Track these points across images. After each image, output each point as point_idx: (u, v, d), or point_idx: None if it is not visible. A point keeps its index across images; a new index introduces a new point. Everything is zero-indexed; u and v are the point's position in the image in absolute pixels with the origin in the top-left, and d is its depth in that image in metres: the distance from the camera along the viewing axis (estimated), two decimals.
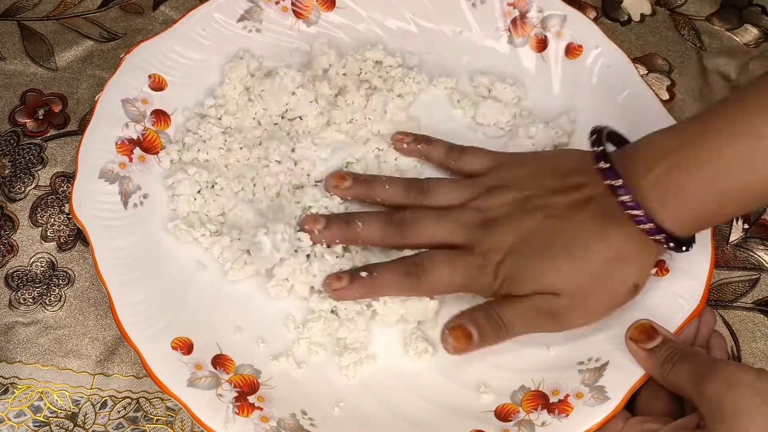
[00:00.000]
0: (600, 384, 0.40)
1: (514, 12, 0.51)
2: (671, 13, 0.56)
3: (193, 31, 0.49)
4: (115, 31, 0.54)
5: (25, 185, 0.48)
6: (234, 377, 0.40)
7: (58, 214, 0.47)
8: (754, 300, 0.46)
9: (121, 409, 0.42)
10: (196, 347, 0.41)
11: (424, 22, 0.52)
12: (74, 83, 0.52)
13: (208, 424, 0.38)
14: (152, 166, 0.46)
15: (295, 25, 0.51)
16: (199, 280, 0.44)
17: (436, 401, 0.41)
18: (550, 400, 0.40)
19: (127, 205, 0.44)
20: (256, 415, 0.39)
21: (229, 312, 0.43)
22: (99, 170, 0.45)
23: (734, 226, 0.48)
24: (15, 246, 0.46)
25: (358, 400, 0.41)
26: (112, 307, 0.41)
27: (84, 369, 0.43)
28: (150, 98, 0.47)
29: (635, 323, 0.40)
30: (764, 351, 0.44)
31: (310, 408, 0.40)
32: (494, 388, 0.41)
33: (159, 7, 0.55)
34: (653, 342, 0.39)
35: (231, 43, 0.50)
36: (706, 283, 0.42)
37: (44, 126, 0.50)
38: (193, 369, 0.40)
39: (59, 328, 0.44)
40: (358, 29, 0.52)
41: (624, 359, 0.40)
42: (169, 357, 0.40)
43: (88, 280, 0.45)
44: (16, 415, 0.42)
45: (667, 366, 0.38)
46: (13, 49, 0.53)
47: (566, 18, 0.50)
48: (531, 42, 0.51)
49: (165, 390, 0.39)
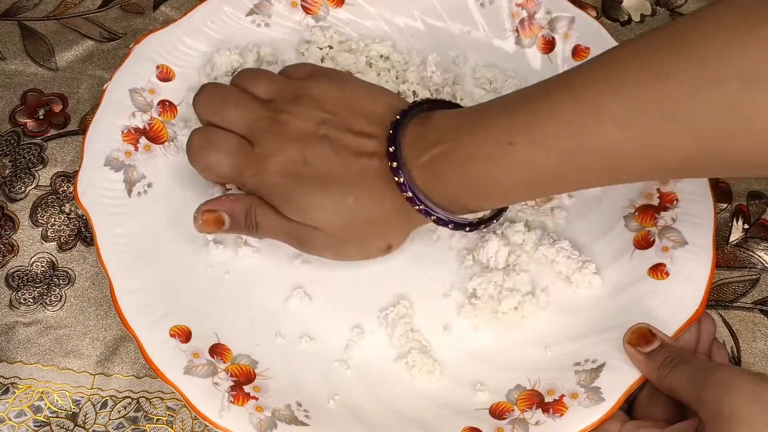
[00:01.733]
0: (595, 385, 0.40)
1: (522, 13, 0.51)
2: (671, 13, 0.56)
3: (202, 23, 0.50)
4: (116, 31, 0.54)
5: (26, 185, 0.48)
6: (231, 366, 0.41)
7: (58, 214, 0.48)
8: (754, 300, 0.46)
9: (121, 409, 0.42)
10: (194, 335, 0.41)
11: (431, 20, 0.52)
12: (74, 83, 0.52)
13: (204, 412, 0.39)
14: (157, 156, 0.47)
15: (304, 21, 0.52)
16: (199, 270, 0.44)
17: (431, 398, 0.41)
18: (545, 400, 0.40)
19: (131, 194, 0.45)
20: (252, 404, 0.39)
21: (228, 302, 0.43)
22: (105, 158, 0.45)
23: (734, 226, 0.48)
24: (15, 246, 0.47)
25: (353, 394, 0.41)
26: (112, 293, 0.41)
27: (84, 369, 0.43)
28: (157, 88, 0.48)
29: (633, 327, 0.40)
30: (764, 351, 0.44)
31: (305, 400, 0.40)
32: (489, 386, 0.41)
33: (159, 7, 0.55)
34: (651, 346, 0.39)
35: (239, 37, 0.50)
36: (706, 288, 0.42)
37: (44, 126, 0.50)
38: (191, 357, 0.40)
39: (60, 328, 0.44)
40: (366, 26, 0.52)
41: (621, 362, 0.40)
42: (167, 344, 0.40)
43: (89, 280, 0.46)
44: (16, 415, 0.42)
45: (665, 370, 0.38)
46: (14, 49, 0.53)
47: (574, 20, 0.50)
48: (538, 43, 0.51)
49: (162, 377, 0.39)
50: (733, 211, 0.48)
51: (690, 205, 0.45)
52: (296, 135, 0.41)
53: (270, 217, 0.41)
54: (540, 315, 0.43)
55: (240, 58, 0.49)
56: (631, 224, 0.45)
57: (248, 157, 0.41)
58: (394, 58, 0.50)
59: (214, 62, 0.49)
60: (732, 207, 0.48)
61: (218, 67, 0.49)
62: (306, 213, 0.40)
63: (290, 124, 0.41)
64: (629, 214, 0.46)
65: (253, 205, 0.41)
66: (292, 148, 0.41)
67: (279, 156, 0.41)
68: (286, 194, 0.40)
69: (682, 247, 0.43)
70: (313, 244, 0.42)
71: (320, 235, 0.41)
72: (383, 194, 0.40)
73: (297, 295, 0.44)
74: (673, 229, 0.44)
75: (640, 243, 0.44)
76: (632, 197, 0.46)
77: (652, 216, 0.45)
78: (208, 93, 0.43)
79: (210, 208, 0.42)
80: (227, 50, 0.49)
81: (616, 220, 0.46)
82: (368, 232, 0.41)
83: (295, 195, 0.40)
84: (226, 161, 0.41)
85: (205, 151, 0.42)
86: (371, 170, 0.40)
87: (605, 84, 0.35)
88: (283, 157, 0.41)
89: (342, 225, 0.40)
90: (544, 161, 0.36)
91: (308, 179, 0.40)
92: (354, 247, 0.42)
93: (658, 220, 0.45)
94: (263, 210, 0.41)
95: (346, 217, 0.40)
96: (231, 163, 0.41)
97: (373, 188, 0.40)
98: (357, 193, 0.40)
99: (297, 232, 0.41)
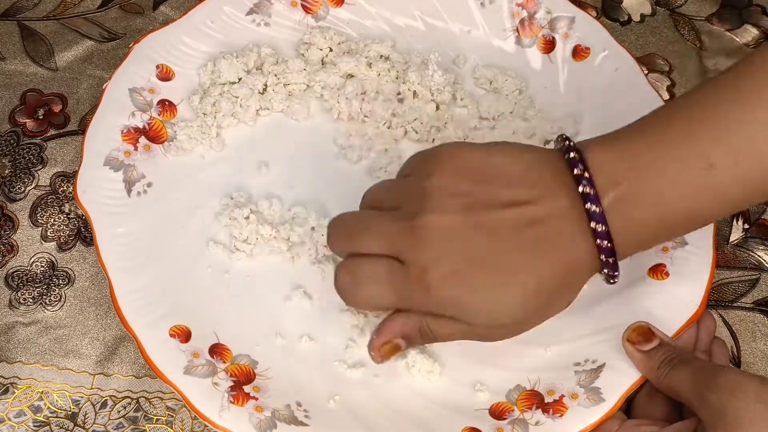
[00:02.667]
0: (595, 385, 0.40)
1: (522, 12, 0.51)
2: (671, 13, 0.56)
3: (201, 22, 0.50)
4: (115, 31, 0.54)
5: (25, 185, 0.48)
6: (230, 366, 0.41)
7: (58, 214, 0.47)
8: (754, 300, 0.46)
9: (121, 409, 0.42)
10: (194, 335, 0.41)
11: (432, 20, 0.52)
12: (74, 83, 0.52)
13: (203, 412, 0.38)
14: (157, 156, 0.46)
15: (304, 20, 0.52)
16: (199, 270, 0.44)
17: (431, 398, 0.41)
18: (545, 400, 0.40)
19: (130, 193, 0.45)
20: (251, 404, 0.39)
21: (228, 302, 0.43)
22: (104, 158, 0.45)
23: (734, 225, 0.48)
24: (15, 246, 0.47)
25: (353, 394, 0.41)
26: (111, 293, 0.41)
27: (84, 369, 0.43)
28: (157, 88, 0.48)
29: (633, 325, 0.40)
30: (764, 351, 0.44)
31: (305, 400, 0.40)
32: (490, 387, 0.41)
33: (159, 7, 0.55)
34: (650, 344, 0.39)
35: (239, 37, 0.50)
36: (706, 289, 0.42)
37: (44, 126, 0.50)
38: (190, 357, 0.40)
39: (59, 328, 0.44)
40: (366, 25, 0.52)
41: (621, 362, 0.40)
42: (166, 344, 0.40)
43: (88, 279, 0.46)
44: (16, 415, 0.42)
45: (664, 369, 0.38)
46: (13, 49, 0.53)
47: (574, 20, 0.50)
48: (538, 43, 0.51)
49: (161, 377, 0.39)
50: None
51: None
52: (445, 235, 0.35)
53: (447, 327, 0.37)
54: None
55: (245, 66, 0.49)
56: None
57: (406, 278, 0.36)
58: (394, 58, 0.50)
59: (219, 69, 0.48)
60: None
61: (223, 75, 0.48)
62: (490, 317, 0.36)
63: (432, 224, 0.35)
64: None
65: (424, 321, 0.37)
66: (446, 252, 0.35)
67: (439, 266, 0.35)
68: (462, 307, 0.36)
69: (682, 247, 0.43)
70: (502, 336, 0.38)
71: (508, 328, 0.37)
72: (561, 257, 0.35)
73: (297, 295, 0.44)
74: None
75: None
76: None
77: None
78: (339, 225, 0.38)
79: (384, 340, 0.38)
80: (232, 56, 0.49)
81: None
82: (554, 300, 0.37)
83: (473, 305, 0.35)
84: (385, 291, 0.36)
85: (360, 287, 0.37)
86: (541, 238, 0.35)
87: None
88: (444, 266, 0.35)
89: (530, 309, 0.36)
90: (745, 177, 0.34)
91: (480, 282, 0.35)
92: (536, 323, 0.38)
93: None
94: (437, 322, 0.37)
95: (532, 301, 0.36)
96: (391, 291, 0.36)
97: (549, 257, 0.35)
98: (535, 272, 0.35)
99: (482, 332, 0.37)
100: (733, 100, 0.35)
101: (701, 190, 0.35)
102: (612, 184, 0.35)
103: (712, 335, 0.42)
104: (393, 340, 0.38)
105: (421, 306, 0.36)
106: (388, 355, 0.38)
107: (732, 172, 0.34)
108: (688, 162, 0.34)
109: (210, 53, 0.49)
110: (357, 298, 0.37)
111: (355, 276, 0.37)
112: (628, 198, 0.35)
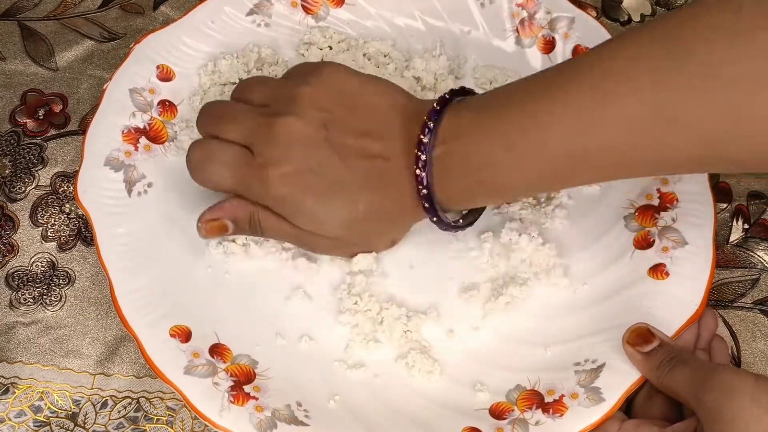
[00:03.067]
0: (595, 385, 0.40)
1: (522, 13, 0.51)
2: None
3: (202, 23, 0.50)
4: (116, 31, 0.54)
5: (26, 185, 0.48)
6: (231, 366, 0.41)
7: (58, 214, 0.48)
8: (754, 300, 0.46)
9: (121, 409, 0.42)
10: (194, 335, 0.41)
11: (432, 20, 0.52)
12: (74, 83, 0.52)
13: (204, 411, 0.39)
14: (158, 156, 0.47)
15: (304, 21, 0.52)
16: (199, 270, 0.44)
17: (431, 397, 0.41)
18: (545, 400, 0.40)
19: (131, 193, 0.45)
20: (252, 404, 0.39)
21: (228, 302, 0.43)
22: (105, 158, 0.45)
23: (734, 226, 0.48)
24: (15, 246, 0.47)
25: (354, 394, 0.41)
26: (112, 293, 0.41)
27: (84, 369, 0.43)
28: (157, 88, 0.48)
29: (632, 326, 0.40)
30: (764, 351, 0.44)
31: (305, 400, 0.40)
32: (490, 387, 0.41)
33: (159, 7, 0.55)
34: (649, 345, 0.39)
35: (239, 37, 0.50)
36: (706, 288, 0.42)
37: (44, 126, 0.50)
38: (191, 357, 0.40)
39: (60, 328, 0.44)
40: (366, 26, 0.52)
41: (621, 362, 0.40)
42: (167, 344, 0.40)
43: (89, 279, 0.46)
44: (16, 415, 0.42)
45: (663, 370, 0.38)
46: (14, 49, 0.53)
47: (574, 20, 0.50)
48: (538, 43, 0.51)
49: (161, 377, 0.39)
50: (733, 211, 0.48)
51: (690, 205, 0.45)
52: (297, 140, 0.39)
53: (275, 223, 0.41)
54: (539, 315, 0.43)
55: (245, 66, 0.49)
56: (631, 224, 0.45)
57: (250, 167, 0.40)
58: (395, 56, 0.50)
59: (220, 69, 0.49)
60: (732, 207, 0.48)
61: (224, 75, 0.49)
62: (315, 224, 0.40)
63: (289, 127, 0.39)
64: (629, 215, 0.46)
65: (256, 210, 0.41)
66: (294, 155, 0.39)
67: (282, 165, 0.39)
68: (293, 206, 0.40)
69: (682, 247, 0.43)
70: (320, 248, 0.42)
71: (329, 240, 0.41)
72: (392, 194, 0.40)
73: (297, 295, 0.44)
74: (673, 229, 0.44)
75: (640, 243, 0.44)
76: (632, 197, 0.46)
77: (652, 216, 0.45)
78: (207, 110, 0.42)
79: (213, 216, 0.41)
80: (232, 56, 0.49)
81: (615, 220, 0.46)
82: (376, 231, 0.42)
83: (302, 207, 0.40)
84: (227, 173, 0.40)
85: (205, 164, 0.41)
86: (378, 172, 0.40)
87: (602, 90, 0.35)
88: (286, 166, 0.39)
89: (352, 230, 0.41)
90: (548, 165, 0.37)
91: (314, 189, 0.39)
92: (362, 246, 0.43)
93: (658, 220, 0.45)
94: (267, 216, 0.41)
95: (356, 223, 0.40)
96: (233, 175, 0.40)
97: (382, 190, 0.40)
98: (366, 198, 0.40)
99: (303, 238, 0.41)
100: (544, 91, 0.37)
101: (503, 166, 0.38)
102: (443, 140, 0.39)
103: (712, 333, 0.42)
104: (222, 218, 0.41)
105: (257, 197, 0.40)
106: (214, 232, 0.41)
107: (528, 156, 0.37)
108: (492, 138, 0.38)
109: (210, 53, 0.50)
110: (202, 175, 0.41)
111: (205, 153, 0.41)
112: (449, 155, 0.38)
